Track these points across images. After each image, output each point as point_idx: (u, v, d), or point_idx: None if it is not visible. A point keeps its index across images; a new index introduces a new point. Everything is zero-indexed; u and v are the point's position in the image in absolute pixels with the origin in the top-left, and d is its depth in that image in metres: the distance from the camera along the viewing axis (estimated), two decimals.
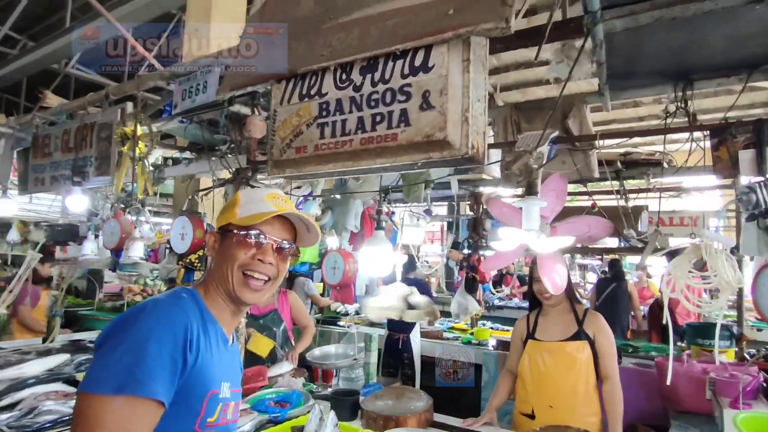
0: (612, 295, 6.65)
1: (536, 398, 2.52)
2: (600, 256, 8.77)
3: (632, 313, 7.04)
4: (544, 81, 4.86)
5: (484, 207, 6.60)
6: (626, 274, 7.62)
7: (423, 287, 4.77)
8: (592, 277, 11.10)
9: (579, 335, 2.48)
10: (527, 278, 9.82)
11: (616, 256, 7.58)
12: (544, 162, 1.79)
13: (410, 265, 5.69)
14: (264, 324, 3.74)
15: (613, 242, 6.18)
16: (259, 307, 3.77)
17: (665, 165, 4.41)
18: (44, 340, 4.61)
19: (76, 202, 2.96)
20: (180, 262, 4.04)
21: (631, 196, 5.05)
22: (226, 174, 3.73)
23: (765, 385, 2.88)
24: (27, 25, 7.53)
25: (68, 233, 4.26)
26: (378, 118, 1.56)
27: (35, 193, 3.40)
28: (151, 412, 1.01)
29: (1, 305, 4.76)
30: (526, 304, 8.52)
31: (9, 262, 7.42)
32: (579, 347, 2.46)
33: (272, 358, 3.42)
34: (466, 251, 6.91)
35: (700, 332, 4.46)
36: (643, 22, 1.82)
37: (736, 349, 4.05)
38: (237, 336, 1.47)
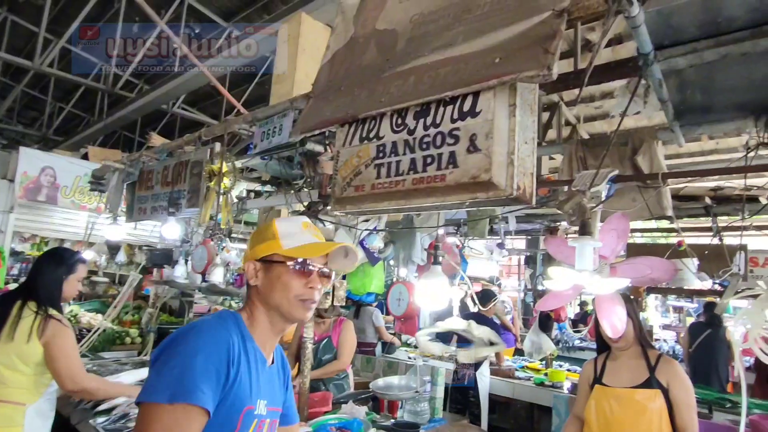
0: (707, 342, 6.04)
1: None
2: (691, 298, 8.03)
3: (732, 363, 6.34)
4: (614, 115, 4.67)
5: None
6: (726, 319, 6.91)
7: (488, 323, 4.68)
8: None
9: (650, 383, 2.33)
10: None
11: (714, 299, 6.92)
12: (602, 200, 1.77)
13: (484, 298, 5.53)
14: (318, 351, 3.85)
15: (706, 283, 5.68)
16: (317, 333, 3.90)
17: (764, 200, 4.05)
18: (139, 353, 5.09)
19: (171, 230, 3.34)
20: None
21: (725, 233, 4.66)
22: (300, 206, 4.01)
23: None
24: (143, 71, 8.60)
25: (164, 257, 4.74)
26: (428, 160, 1.64)
27: (139, 221, 3.86)
28: (199, 419, 1.13)
29: (107, 319, 5.36)
30: None
31: (117, 281, 8.32)
32: (650, 396, 2.30)
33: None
34: (540, 287, 6.69)
35: None
36: (709, 59, 1.77)
37: None
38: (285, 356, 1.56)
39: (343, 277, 3.12)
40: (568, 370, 5.67)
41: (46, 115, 11.44)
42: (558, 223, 5.64)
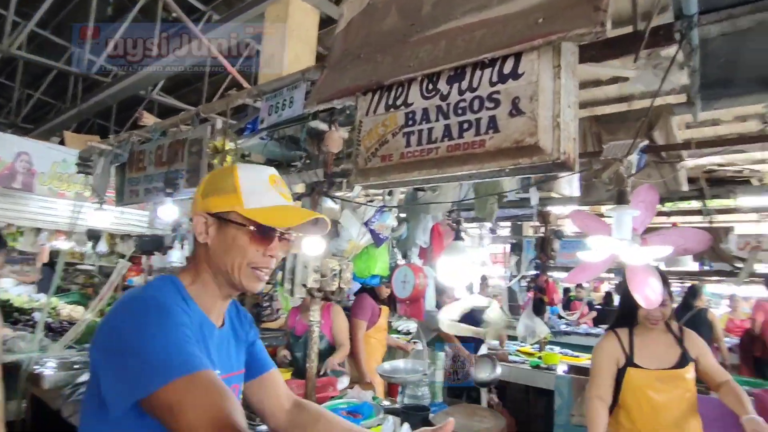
0: (690, 325, 6.18)
1: (647, 427, 2.32)
2: (681, 280, 8.22)
3: (715, 344, 6.51)
4: (620, 98, 4.65)
5: (552, 227, 6.41)
6: (706, 301, 7.09)
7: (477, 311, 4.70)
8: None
9: (685, 358, 2.31)
10: (598, 304, 9.30)
11: (696, 282, 7.08)
12: (633, 171, 1.73)
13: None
14: (306, 342, 3.76)
15: (693, 266, 5.79)
16: (303, 325, 3.82)
17: (756, 183, 4.13)
18: None
19: (168, 212, 3.19)
20: None
21: (716, 217, 4.74)
22: (299, 188, 3.89)
23: None
24: (119, 55, 8.26)
25: (154, 244, 4.57)
26: (465, 126, 1.58)
27: (130, 203, 3.68)
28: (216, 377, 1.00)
29: (91, 312, 5.15)
30: (595, 331, 8.12)
31: (98, 272, 8.03)
32: (689, 371, 2.31)
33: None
34: (533, 272, 6.72)
35: None
36: (742, 26, 1.74)
37: None
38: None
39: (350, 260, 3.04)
40: (560, 353, 5.71)
41: (14, 101, 10.93)
42: (547, 208, 5.68)
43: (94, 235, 6.26)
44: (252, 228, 1.14)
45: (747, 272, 2.53)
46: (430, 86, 1.69)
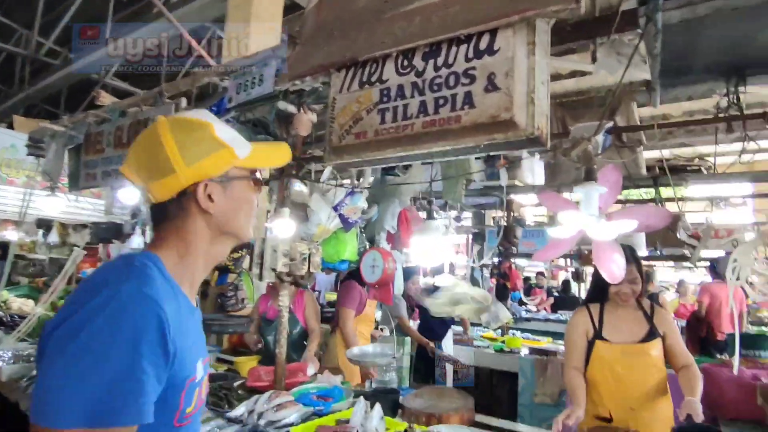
0: None
1: (615, 402, 2.39)
2: None
3: None
4: (578, 92, 4.75)
5: (515, 215, 6.57)
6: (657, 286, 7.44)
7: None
8: None
9: (653, 333, 2.38)
10: (557, 291, 9.59)
11: (648, 268, 7.44)
12: (600, 151, 1.79)
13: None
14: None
15: (644, 252, 6.06)
16: (274, 310, 3.79)
17: (704, 170, 4.35)
18: None
19: (129, 195, 3.06)
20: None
21: (668, 206, 4.97)
22: (266, 173, 3.83)
23: None
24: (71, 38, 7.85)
25: (112, 232, 4.39)
26: (441, 102, 1.59)
27: (87, 188, 3.51)
28: None
29: (42, 305, 4.91)
30: (553, 317, 8.39)
31: (48, 264, 7.65)
32: (655, 346, 2.37)
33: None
34: (496, 259, 6.88)
35: (744, 342, 4.35)
36: (701, 13, 1.83)
37: None
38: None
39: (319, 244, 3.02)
40: (523, 337, 5.88)
41: None
42: (513, 196, 5.82)
43: (44, 225, 5.96)
44: (253, 177, 1.10)
45: (701, 250, 2.67)
46: (405, 63, 1.69)
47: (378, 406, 2.34)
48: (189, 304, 1.03)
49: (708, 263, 6.36)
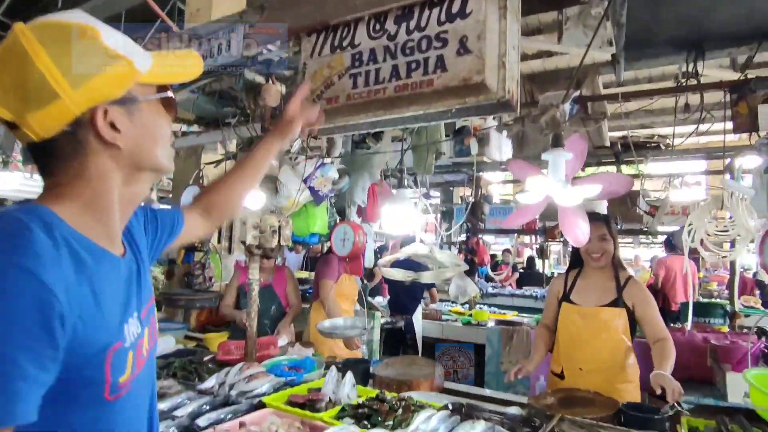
0: None
1: (567, 360, 2.54)
2: None
3: None
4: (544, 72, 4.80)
5: (483, 192, 6.67)
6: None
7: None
8: None
9: (617, 302, 2.44)
10: (522, 268, 9.84)
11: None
12: (567, 118, 1.84)
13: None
14: (262, 300, 3.75)
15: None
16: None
17: (662, 146, 4.51)
18: None
19: None
20: None
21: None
22: (232, 147, 3.75)
23: (766, 351, 2.98)
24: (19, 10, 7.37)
25: None
26: (413, 65, 1.59)
27: None
28: None
29: None
30: (518, 292, 8.61)
31: None
32: (614, 314, 2.42)
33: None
34: (464, 236, 7.00)
35: (696, 310, 4.60)
36: None
37: (729, 328, 4.20)
38: None
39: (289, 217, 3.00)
40: (489, 311, 6.04)
41: None
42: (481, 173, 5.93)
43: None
44: (162, 95, 0.91)
45: (659, 220, 2.80)
46: (378, 26, 1.68)
47: (349, 375, 2.38)
48: (110, 257, 0.86)
49: (664, 238, 6.68)
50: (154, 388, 1.03)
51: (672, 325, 4.92)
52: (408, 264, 4.23)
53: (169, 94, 0.92)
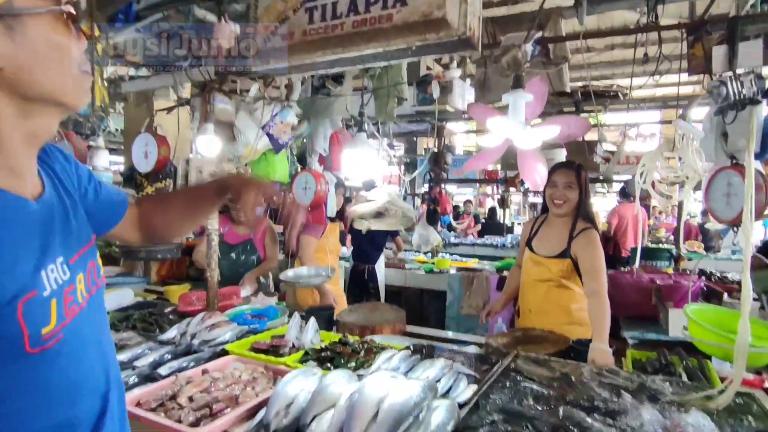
0: None
1: (522, 301, 2.68)
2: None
3: None
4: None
5: (446, 142, 6.66)
6: None
7: None
8: None
9: (564, 253, 2.49)
10: (484, 218, 10.03)
11: None
12: (528, 59, 1.82)
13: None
14: (237, 254, 3.72)
15: None
16: (236, 235, 3.74)
17: (621, 96, 4.59)
18: None
19: None
20: (137, 195, 3.86)
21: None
22: (186, 93, 3.56)
23: (705, 290, 3.19)
24: None
25: None
26: None
27: None
28: None
29: None
30: (480, 241, 8.82)
31: None
32: (560, 264, 2.49)
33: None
34: (427, 185, 7.03)
35: (644, 254, 4.86)
36: None
37: (674, 270, 4.47)
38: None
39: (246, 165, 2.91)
40: (452, 259, 6.18)
41: None
42: (445, 122, 5.88)
43: None
44: (57, 8, 0.76)
45: (615, 162, 2.88)
46: None
47: (312, 320, 2.40)
48: (10, 198, 0.78)
49: (619, 188, 6.92)
50: (104, 337, 0.97)
51: (622, 269, 5.21)
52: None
53: (65, 7, 0.77)
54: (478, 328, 3.73)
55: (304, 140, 3.49)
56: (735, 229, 1.72)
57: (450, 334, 2.81)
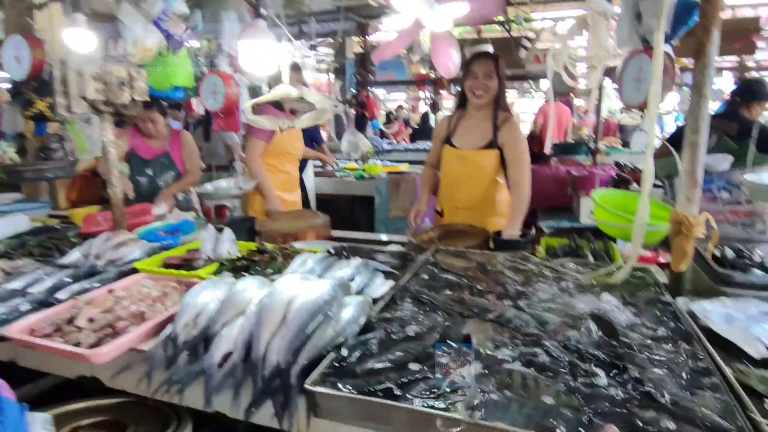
0: None
1: (446, 200, 2.67)
2: None
3: None
4: None
5: (372, 43, 6.32)
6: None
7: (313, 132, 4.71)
8: None
9: (491, 144, 2.48)
10: (416, 124, 9.98)
11: None
12: None
13: None
14: (154, 170, 3.47)
15: None
16: (150, 149, 3.45)
17: None
18: None
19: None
20: (27, 112, 3.39)
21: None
22: None
23: (615, 178, 3.35)
24: None
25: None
26: None
27: None
28: None
29: None
30: (412, 147, 8.82)
31: None
32: (488, 156, 2.49)
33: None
34: (354, 90, 6.76)
35: (564, 150, 5.03)
36: None
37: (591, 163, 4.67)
38: None
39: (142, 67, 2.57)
40: (383, 165, 6.12)
41: None
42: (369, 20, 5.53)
43: None
44: None
45: (533, 49, 2.82)
46: None
47: (228, 231, 2.28)
48: None
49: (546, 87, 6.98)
50: None
51: (543, 163, 5.40)
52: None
53: None
54: (407, 229, 3.78)
55: (211, 40, 3.13)
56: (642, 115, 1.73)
57: (374, 236, 2.81)
